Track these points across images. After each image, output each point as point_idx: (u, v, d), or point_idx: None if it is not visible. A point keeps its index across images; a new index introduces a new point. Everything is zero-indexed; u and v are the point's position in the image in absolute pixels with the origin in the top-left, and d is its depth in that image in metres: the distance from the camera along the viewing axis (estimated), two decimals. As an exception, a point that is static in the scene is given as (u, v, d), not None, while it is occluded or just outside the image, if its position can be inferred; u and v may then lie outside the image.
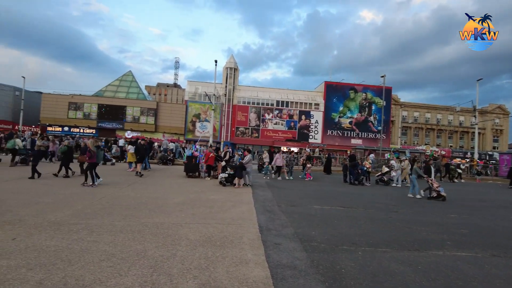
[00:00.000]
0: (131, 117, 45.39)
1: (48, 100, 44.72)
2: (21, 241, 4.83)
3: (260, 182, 14.74)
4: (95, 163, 10.73)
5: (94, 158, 10.69)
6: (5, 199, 7.72)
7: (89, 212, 6.95)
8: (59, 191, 9.33)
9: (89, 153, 10.62)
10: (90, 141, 10.98)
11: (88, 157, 10.64)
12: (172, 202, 8.65)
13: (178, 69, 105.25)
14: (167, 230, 5.90)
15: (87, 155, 10.68)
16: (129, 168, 16.28)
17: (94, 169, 10.65)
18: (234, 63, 49.79)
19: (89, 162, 10.59)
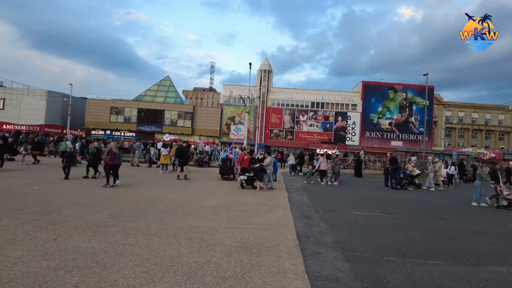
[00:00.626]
0: (169, 120, 46.71)
1: (92, 105, 47.27)
2: (61, 242, 4.90)
3: (296, 186, 14.36)
4: (117, 165, 11.02)
5: (116, 160, 10.98)
6: (52, 200, 8.03)
7: (126, 214, 7.02)
8: (100, 192, 9.60)
9: (111, 155, 10.93)
10: (113, 143, 11.34)
11: (110, 159, 10.94)
12: (207, 204, 8.57)
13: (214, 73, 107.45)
14: (202, 234, 5.76)
15: (109, 156, 10.99)
16: (161, 170, 16.59)
17: (117, 170, 10.98)
18: (268, 65, 49.67)
19: (111, 164, 10.92)
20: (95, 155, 12.93)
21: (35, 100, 42.35)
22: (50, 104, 44.37)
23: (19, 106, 42.44)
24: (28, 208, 7.04)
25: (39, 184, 10.49)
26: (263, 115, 48.23)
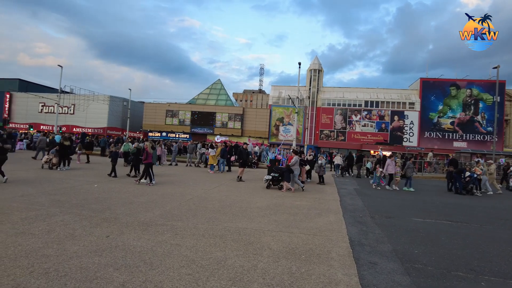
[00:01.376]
0: (220, 122, 47.91)
1: (149, 108, 50.19)
2: (113, 239, 5.04)
3: (348, 189, 13.68)
4: (150, 163, 11.49)
5: (150, 159, 11.47)
6: (109, 198, 8.46)
7: (176, 213, 7.12)
8: (153, 191, 9.93)
9: (145, 154, 11.46)
10: (147, 143, 11.94)
11: (144, 158, 11.48)
12: (255, 206, 8.42)
13: (263, 75, 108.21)
14: (249, 237, 5.60)
15: (143, 156, 11.55)
16: (210, 170, 16.90)
17: (151, 168, 11.43)
18: (318, 64, 48.63)
19: (145, 163, 11.42)
20: (136, 155, 13.59)
21: (99, 104, 45.98)
22: (111, 108, 47.90)
23: (86, 110, 46.41)
24: (88, 205, 7.46)
25: (99, 182, 11.18)
26: (313, 116, 47.28)
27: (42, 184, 10.03)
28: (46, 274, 3.70)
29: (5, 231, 5.17)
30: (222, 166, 17.44)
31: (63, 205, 7.23)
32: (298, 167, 12.21)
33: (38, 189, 9.11)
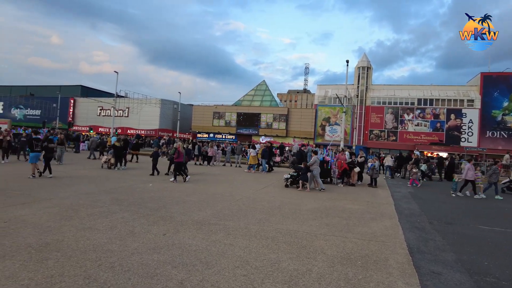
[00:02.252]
0: (265, 123, 48.13)
1: (198, 111, 51.97)
2: (169, 237, 5.24)
3: (402, 192, 12.97)
4: (181, 162, 12.31)
5: (181, 158, 12.28)
6: (163, 197, 8.85)
7: (227, 213, 7.23)
8: (204, 191, 10.21)
9: (176, 153, 12.23)
10: (180, 143, 12.90)
11: (176, 157, 12.20)
12: (305, 208, 8.29)
13: (308, 74, 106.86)
14: (301, 240, 5.51)
15: (175, 155, 12.25)
16: (247, 170, 17.37)
17: (182, 167, 12.33)
18: (367, 61, 46.85)
19: (176, 161, 12.17)
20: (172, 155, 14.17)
21: (151, 107, 48.47)
22: (163, 111, 50.29)
23: (139, 113, 49.16)
24: (144, 203, 7.85)
25: (153, 181, 11.75)
26: (362, 115, 45.65)
27: (102, 183, 10.77)
28: (112, 268, 3.94)
29: (75, 225, 5.61)
30: (264, 167, 17.52)
31: (122, 203, 7.69)
32: (318, 167, 12.11)
33: (100, 188, 9.79)
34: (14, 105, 58.90)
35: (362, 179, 15.08)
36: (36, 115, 56.61)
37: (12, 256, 4.14)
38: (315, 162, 11.94)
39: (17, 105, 58.74)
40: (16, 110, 58.75)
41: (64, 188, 9.34)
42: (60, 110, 51.21)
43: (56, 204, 7.17)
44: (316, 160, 12.04)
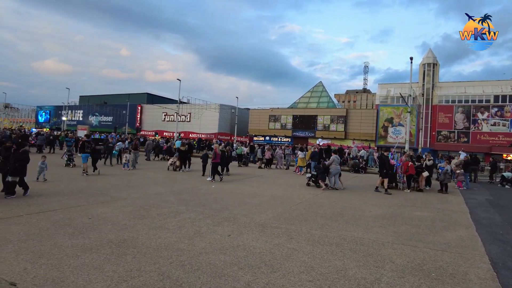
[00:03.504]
0: (322, 125, 47.17)
1: (254, 114, 52.80)
2: (234, 239, 5.39)
3: (479, 199, 11.76)
4: (217, 163, 13.16)
5: (218, 159, 13.12)
6: (225, 198, 9.14)
7: (288, 216, 7.22)
8: (263, 193, 10.32)
9: (213, 155, 13.12)
10: (217, 145, 14.01)
11: (213, 158, 13.08)
12: (369, 215, 7.94)
13: (367, 73, 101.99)
14: (367, 247, 5.28)
15: (212, 156, 13.17)
16: (298, 172, 17.53)
17: (217, 167, 13.13)
18: (433, 57, 43.47)
19: (213, 162, 13.00)
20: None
21: (211, 112, 50.44)
22: (221, 115, 52.03)
23: (200, 118, 51.48)
24: (208, 204, 8.18)
25: (216, 183, 12.19)
26: (428, 115, 42.47)
27: (169, 184, 11.46)
28: (183, 266, 4.16)
29: (147, 224, 6.04)
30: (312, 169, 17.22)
31: (188, 204, 8.10)
32: (337, 166, 12.32)
33: (167, 189, 10.43)
34: (91, 113, 65.49)
35: (430, 184, 14.00)
36: (108, 121, 62.25)
37: (97, 249, 4.59)
38: (333, 161, 12.27)
39: (93, 113, 65.23)
40: (93, 117, 65.20)
41: (136, 189, 10.12)
42: (129, 116, 55.79)
43: (130, 204, 7.80)
44: (335, 160, 12.32)
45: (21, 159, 8.01)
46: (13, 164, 7.83)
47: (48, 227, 5.57)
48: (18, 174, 7.86)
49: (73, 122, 64.29)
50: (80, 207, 7.16)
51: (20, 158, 8.00)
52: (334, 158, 12.36)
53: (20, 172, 7.92)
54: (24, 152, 8.27)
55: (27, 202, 7.35)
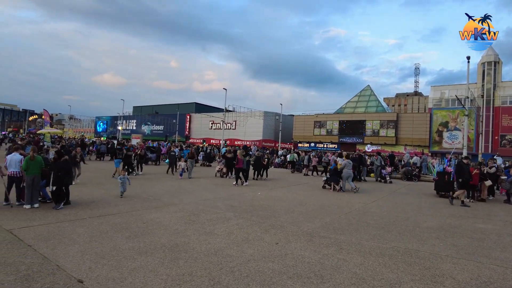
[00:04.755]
0: (371, 130, 45.44)
1: (299, 120, 52.43)
2: (282, 247, 5.36)
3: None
4: (241, 168, 13.74)
5: (241, 164, 13.71)
6: (271, 205, 9.15)
7: (336, 226, 7.03)
8: (311, 202, 10.16)
9: (236, 160, 13.88)
10: (239, 151, 14.68)
11: (236, 163, 13.84)
12: (424, 226, 7.46)
13: (418, 75, 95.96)
14: (424, 260, 4.96)
15: (236, 161, 13.95)
16: None
17: (240, 172, 13.73)
18: (494, 55, 40.01)
19: (237, 167, 13.79)
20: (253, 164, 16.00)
21: (255, 119, 51.03)
22: (266, 122, 52.37)
23: (244, 125, 52.31)
24: (255, 211, 8.25)
25: (262, 190, 12.27)
26: (489, 118, 39.10)
27: (217, 190, 11.74)
28: (232, 272, 4.23)
29: (197, 229, 6.24)
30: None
31: (235, 210, 8.23)
32: (349, 170, 12.86)
33: (215, 195, 10.70)
34: (144, 122, 69.51)
35: (494, 193, 12.82)
36: (159, 130, 65.55)
37: (152, 253, 4.83)
38: (345, 165, 12.85)
39: (145, 122, 69.18)
40: (145, 127, 69.11)
41: (186, 194, 10.51)
42: (179, 125, 58.38)
43: (181, 209, 8.11)
44: (347, 164, 12.89)
45: (63, 168, 7.91)
46: (55, 173, 7.84)
47: (108, 230, 5.98)
48: (60, 184, 7.74)
49: (127, 131, 68.63)
50: (135, 212, 7.60)
51: (61, 167, 7.92)
52: (346, 163, 12.97)
53: (62, 181, 7.79)
54: (66, 161, 8.15)
55: (89, 206, 7.97)
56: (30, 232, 5.60)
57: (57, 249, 4.83)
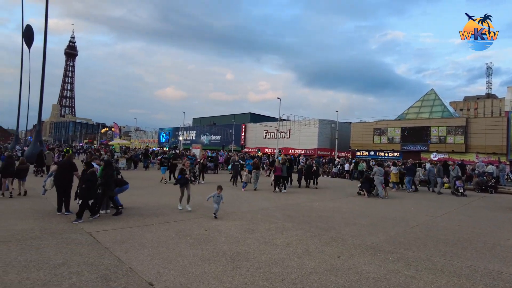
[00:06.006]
0: (436, 137, 42.12)
1: (357, 128, 50.54)
2: (345, 261, 5.16)
3: None
4: (280, 176, 14.20)
5: (279, 172, 14.16)
6: (330, 217, 8.90)
7: (403, 240, 6.59)
8: (373, 213, 9.68)
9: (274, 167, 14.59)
10: (278, 159, 15.53)
11: (274, 171, 14.49)
12: (507, 244, 6.66)
13: (491, 76, 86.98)
14: (509, 284, 4.42)
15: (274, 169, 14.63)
16: (393, 188, 16.64)
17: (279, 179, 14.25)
18: None
19: (275, 175, 14.32)
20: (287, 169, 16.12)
21: (310, 128, 50.39)
22: (321, 130, 51.42)
23: (299, 134, 51.94)
24: (314, 222, 8.08)
25: (319, 201, 12.01)
26: None
27: (274, 199, 11.77)
28: (294, 284, 4.17)
29: (257, 238, 6.29)
30: (407, 185, 16.64)
31: (294, 220, 8.15)
32: (380, 177, 13.60)
33: (272, 204, 10.72)
34: (202, 133, 72.66)
35: None
36: (217, 140, 67.91)
37: (214, 260, 4.97)
38: (375, 173, 13.74)
39: (204, 133, 72.25)
40: (204, 137, 72.13)
41: (243, 203, 10.68)
42: (234, 135, 60.04)
43: (240, 218, 8.26)
44: (377, 171, 13.72)
45: (88, 181, 7.53)
46: (80, 185, 7.58)
47: (173, 236, 6.30)
48: (84, 197, 7.35)
49: (187, 141, 72.23)
50: (197, 219, 7.91)
51: (87, 179, 7.56)
52: (377, 170, 13.84)
53: (86, 194, 7.39)
54: (92, 173, 7.78)
55: (155, 213, 8.47)
56: (106, 236, 6.13)
57: (129, 252, 5.21)
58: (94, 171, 7.89)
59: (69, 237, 5.90)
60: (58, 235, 6.02)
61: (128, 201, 9.37)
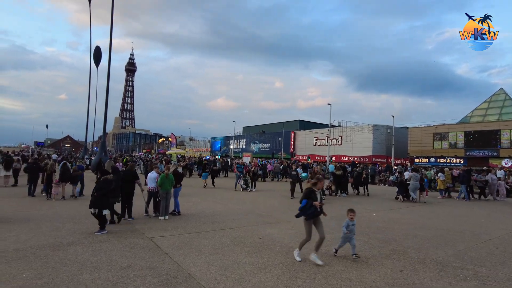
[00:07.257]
0: (508, 142, 38.05)
1: (414, 133, 47.55)
2: (408, 275, 4.82)
3: None
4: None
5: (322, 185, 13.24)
6: (389, 228, 8.41)
7: (474, 256, 5.99)
8: (436, 225, 8.96)
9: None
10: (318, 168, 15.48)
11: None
12: None
13: None
14: None
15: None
16: (440, 196, 16.35)
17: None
18: None
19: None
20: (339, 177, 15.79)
21: (363, 134, 48.44)
22: (375, 136, 49.15)
23: (351, 141, 50.17)
24: (372, 233, 7.69)
25: (377, 211, 11.43)
26: None
27: (327, 209, 11.39)
28: (354, 298, 3.97)
29: (312, 248, 6.11)
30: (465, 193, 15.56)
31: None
32: (416, 182, 13.95)
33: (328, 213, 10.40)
34: (252, 141, 73.62)
35: None
36: (266, 148, 68.28)
37: (270, 269, 4.93)
38: (410, 177, 14.24)
39: (254, 141, 73.14)
40: (254, 145, 73.00)
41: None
42: (284, 142, 59.85)
43: (293, 226, 8.13)
44: (413, 176, 14.11)
45: (100, 189, 7.10)
46: (92, 193, 7.19)
47: (228, 243, 6.39)
48: (96, 206, 6.89)
49: (238, 149, 73.67)
50: (251, 227, 7.96)
51: (99, 187, 7.15)
52: (412, 175, 14.16)
53: (99, 203, 6.92)
54: (105, 180, 7.34)
55: (210, 219, 8.69)
56: (165, 241, 6.40)
57: (187, 258, 5.37)
58: (107, 178, 7.47)
59: (132, 242, 6.27)
60: (122, 239, 6.42)
61: (185, 207, 9.76)
